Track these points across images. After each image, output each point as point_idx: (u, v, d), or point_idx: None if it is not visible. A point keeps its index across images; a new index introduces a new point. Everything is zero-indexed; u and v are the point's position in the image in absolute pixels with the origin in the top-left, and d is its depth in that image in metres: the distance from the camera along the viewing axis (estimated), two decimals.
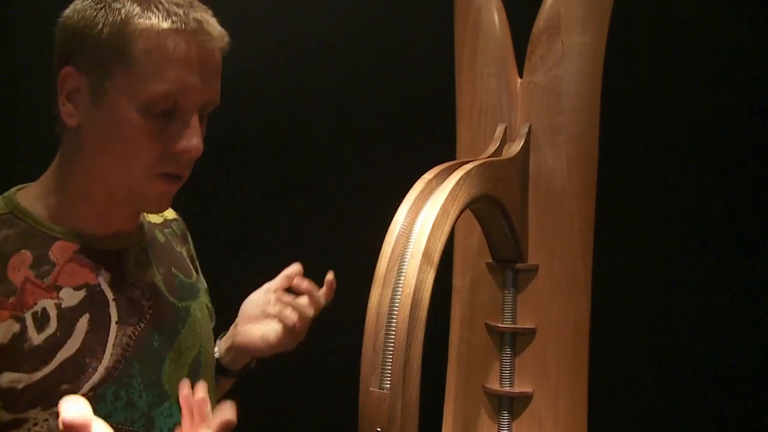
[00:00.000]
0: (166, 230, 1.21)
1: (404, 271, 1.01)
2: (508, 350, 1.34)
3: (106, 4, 0.98)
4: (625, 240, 1.62)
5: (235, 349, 1.25)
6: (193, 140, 0.99)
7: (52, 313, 0.97)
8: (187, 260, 1.23)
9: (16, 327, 0.94)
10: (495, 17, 1.42)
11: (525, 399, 1.33)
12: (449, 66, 1.47)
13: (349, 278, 1.24)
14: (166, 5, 0.98)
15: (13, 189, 1.06)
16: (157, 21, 0.97)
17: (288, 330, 1.18)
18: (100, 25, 0.97)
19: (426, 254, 1.01)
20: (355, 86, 1.78)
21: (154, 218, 1.20)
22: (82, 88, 0.99)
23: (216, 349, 1.27)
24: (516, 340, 1.34)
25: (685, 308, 1.63)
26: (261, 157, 1.74)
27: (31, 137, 1.77)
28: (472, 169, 1.14)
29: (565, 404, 1.32)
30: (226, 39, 1.04)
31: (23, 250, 0.98)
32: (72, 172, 1.03)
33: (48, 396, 0.87)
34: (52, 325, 0.96)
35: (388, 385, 0.97)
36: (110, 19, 0.97)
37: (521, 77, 1.39)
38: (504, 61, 1.40)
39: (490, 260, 1.37)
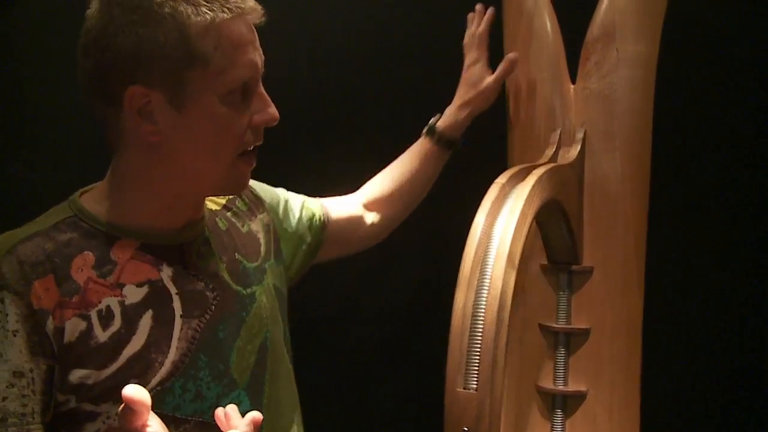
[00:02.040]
0: (228, 213, 1.20)
1: (487, 273, 1.04)
2: (562, 350, 1.37)
3: (152, 13, 0.96)
4: (678, 242, 1.65)
5: (458, 107, 1.47)
6: (270, 110, 1.05)
7: (116, 311, 0.99)
8: (256, 239, 1.22)
9: (83, 325, 0.97)
10: (547, 23, 1.44)
11: (579, 398, 1.36)
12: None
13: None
14: None
15: (77, 192, 1.08)
16: (214, 14, 0.98)
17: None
18: (161, 37, 0.96)
19: (510, 258, 1.04)
20: (372, 87, 1.81)
21: (215, 204, 1.20)
22: (155, 102, 0.98)
23: (436, 123, 1.48)
24: (570, 341, 1.37)
25: (737, 308, 1.67)
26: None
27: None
28: (543, 174, 1.17)
29: (618, 402, 1.35)
30: (263, 10, 1.06)
31: (86, 252, 1.00)
32: (145, 174, 1.04)
33: (118, 391, 0.87)
34: (117, 323, 0.99)
35: (475, 385, 1.00)
36: (167, 27, 0.96)
37: (573, 83, 1.42)
38: (557, 67, 1.43)
39: (544, 262, 1.39)
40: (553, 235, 1.33)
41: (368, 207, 1.48)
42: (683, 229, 1.66)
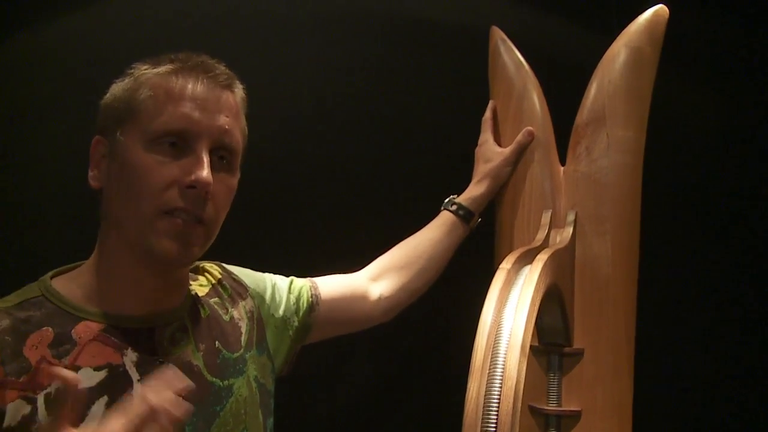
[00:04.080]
0: (212, 300, 1.16)
1: (499, 363, 1.03)
2: None
3: (128, 74, 1.04)
4: (666, 324, 1.67)
5: (477, 183, 1.49)
6: (199, 172, 0.98)
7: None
8: (237, 327, 1.16)
9: (26, 409, 0.90)
10: (537, 105, 1.47)
11: None
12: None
13: None
14: (173, 56, 1.03)
15: (49, 273, 1.04)
16: (163, 67, 1.01)
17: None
18: (117, 90, 1.03)
19: (522, 347, 1.03)
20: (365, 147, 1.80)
21: (201, 290, 1.16)
22: (105, 152, 1.02)
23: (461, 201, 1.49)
24: (561, 423, 1.37)
25: (728, 392, 1.70)
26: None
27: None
28: (547, 259, 1.17)
29: None
30: (236, 81, 1.07)
31: (45, 328, 0.96)
32: (106, 244, 1.03)
33: None
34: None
35: None
36: (126, 82, 1.03)
37: (562, 164, 1.44)
38: (547, 149, 1.45)
39: (536, 344, 1.39)
40: (547, 317, 1.34)
41: (378, 278, 1.43)
42: (671, 312, 1.68)
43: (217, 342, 1.10)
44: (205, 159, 0.99)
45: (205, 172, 0.98)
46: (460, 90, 1.73)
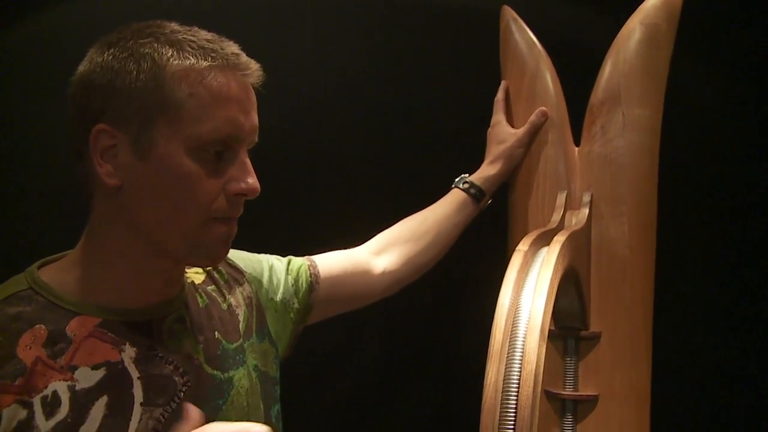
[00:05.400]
0: (209, 287, 1.11)
1: (518, 347, 1.01)
2: (570, 417, 1.34)
3: (133, 52, 0.91)
4: (685, 308, 1.65)
5: (489, 164, 1.46)
6: (249, 180, 0.94)
7: (64, 397, 0.88)
8: (235, 315, 1.11)
9: (23, 414, 0.85)
10: (550, 85, 1.44)
11: None
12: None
13: None
14: (199, 43, 0.93)
15: (35, 264, 0.98)
16: (195, 60, 0.91)
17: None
18: (134, 74, 0.90)
19: (542, 331, 1.01)
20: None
21: (198, 278, 1.10)
22: (120, 144, 0.91)
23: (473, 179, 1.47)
24: (578, 407, 1.35)
25: (747, 371, 1.67)
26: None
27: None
28: (565, 241, 1.15)
29: None
30: (261, 72, 0.99)
31: (38, 325, 0.90)
32: (108, 236, 0.95)
33: None
34: (63, 410, 0.87)
35: None
36: (144, 67, 0.90)
37: (577, 145, 1.41)
38: (561, 129, 1.42)
39: (552, 327, 1.37)
40: (563, 301, 1.31)
41: (382, 252, 1.39)
42: (690, 295, 1.66)
43: (216, 332, 1.06)
44: (249, 163, 0.95)
45: (253, 180, 0.95)
46: (472, 71, 1.70)
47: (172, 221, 0.93)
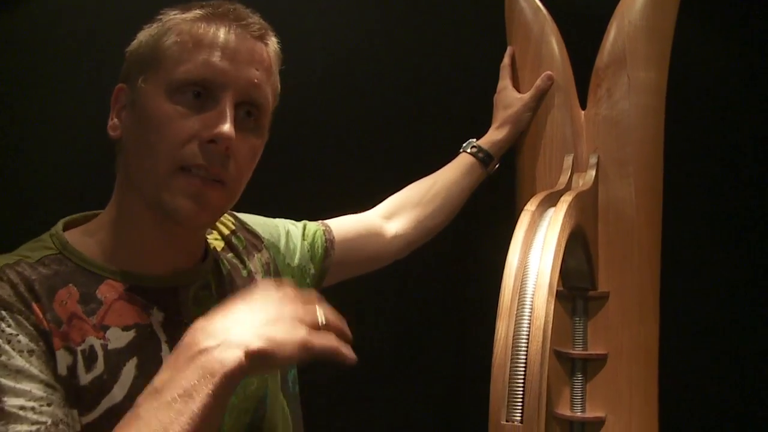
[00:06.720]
0: (228, 255, 1.12)
1: (527, 303, 1.03)
2: (579, 376, 1.37)
3: (156, 19, 0.99)
4: (690, 266, 1.66)
5: (497, 128, 1.48)
6: (223, 126, 0.91)
7: (99, 354, 0.90)
8: (254, 282, 1.12)
9: (69, 359, 0.87)
10: (555, 49, 1.45)
11: (597, 424, 1.36)
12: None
13: None
14: (204, 2, 0.98)
15: (60, 224, 0.99)
16: (191, 14, 0.96)
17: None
18: (144, 36, 0.98)
19: (550, 287, 1.03)
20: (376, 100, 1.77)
21: (218, 245, 1.12)
22: (126, 99, 0.98)
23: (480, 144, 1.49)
24: (587, 367, 1.37)
25: (755, 329, 1.69)
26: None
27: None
28: (572, 201, 1.16)
29: (637, 428, 1.35)
30: (270, 33, 1.00)
31: (71, 285, 0.91)
32: (122, 199, 0.98)
33: None
34: (99, 367, 0.89)
35: (519, 417, 0.98)
36: (153, 28, 0.98)
37: (583, 109, 1.42)
38: (567, 93, 1.43)
39: (560, 288, 1.39)
40: (571, 261, 1.33)
41: (392, 216, 1.41)
42: (696, 255, 1.67)
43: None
44: (229, 113, 0.92)
45: (227, 126, 0.91)
46: (477, 37, 1.71)
47: (146, 164, 0.93)
